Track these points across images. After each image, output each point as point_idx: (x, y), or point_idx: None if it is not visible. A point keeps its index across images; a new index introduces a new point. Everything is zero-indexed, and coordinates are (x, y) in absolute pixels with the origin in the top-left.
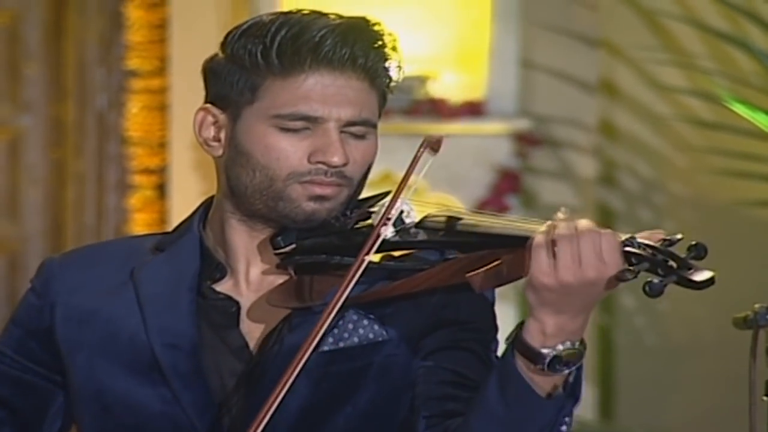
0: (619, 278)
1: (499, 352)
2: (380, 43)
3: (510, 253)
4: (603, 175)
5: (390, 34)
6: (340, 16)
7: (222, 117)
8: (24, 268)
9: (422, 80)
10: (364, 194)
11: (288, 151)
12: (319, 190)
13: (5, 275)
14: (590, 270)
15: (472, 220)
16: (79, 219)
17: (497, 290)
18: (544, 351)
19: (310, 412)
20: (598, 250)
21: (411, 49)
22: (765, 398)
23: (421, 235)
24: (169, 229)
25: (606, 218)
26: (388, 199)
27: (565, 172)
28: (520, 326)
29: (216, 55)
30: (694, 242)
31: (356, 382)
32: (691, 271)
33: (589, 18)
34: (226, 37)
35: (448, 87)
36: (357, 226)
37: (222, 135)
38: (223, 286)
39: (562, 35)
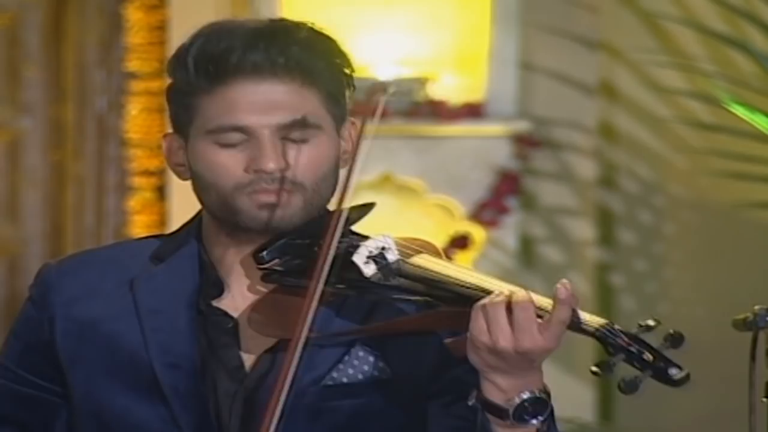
0: (593, 372)
1: None
2: (303, 42)
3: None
4: (603, 177)
5: (316, 32)
6: (260, 22)
7: (181, 141)
8: (23, 270)
9: (422, 82)
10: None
11: (228, 165)
12: (264, 198)
13: (5, 277)
14: (526, 341)
15: (452, 270)
16: (79, 221)
17: None
18: (506, 406)
19: None
20: (532, 320)
21: (411, 51)
22: (765, 400)
23: (400, 279)
24: (169, 231)
25: (606, 220)
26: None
27: (565, 174)
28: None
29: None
30: (671, 331)
31: (357, 419)
32: (668, 367)
33: (588, 20)
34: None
35: (448, 89)
36: (343, 252)
37: (184, 157)
38: (221, 302)
39: (562, 37)
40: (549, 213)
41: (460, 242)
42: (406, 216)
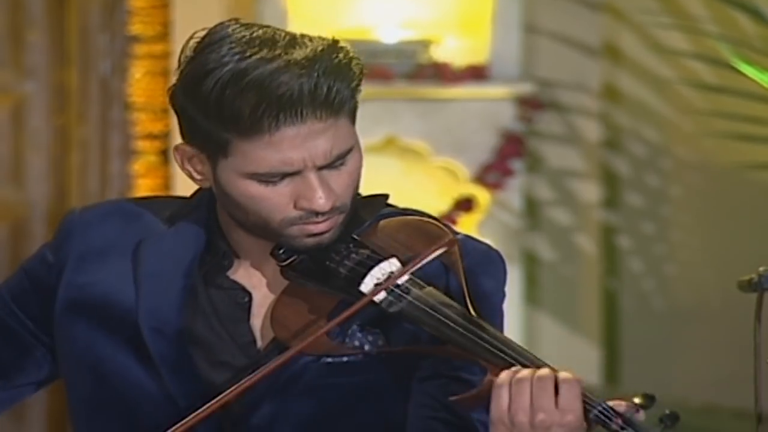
0: None
1: None
2: (342, 75)
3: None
4: (608, 140)
5: (352, 57)
6: (294, 51)
7: (201, 155)
8: (28, 234)
9: (425, 44)
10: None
11: (273, 200)
12: (314, 229)
13: (9, 241)
14: (541, 413)
15: (457, 314)
16: (83, 185)
17: (502, 250)
18: None
19: (310, 425)
20: (551, 394)
21: (414, 14)
22: None
23: (402, 309)
24: (174, 194)
25: (612, 183)
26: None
27: (570, 137)
28: None
29: (176, 87)
30: (666, 411)
31: (352, 396)
32: None
33: None
34: (187, 73)
35: (452, 51)
36: (352, 273)
37: (205, 169)
38: (236, 275)
39: None
40: (554, 175)
41: (465, 205)
42: (410, 179)
